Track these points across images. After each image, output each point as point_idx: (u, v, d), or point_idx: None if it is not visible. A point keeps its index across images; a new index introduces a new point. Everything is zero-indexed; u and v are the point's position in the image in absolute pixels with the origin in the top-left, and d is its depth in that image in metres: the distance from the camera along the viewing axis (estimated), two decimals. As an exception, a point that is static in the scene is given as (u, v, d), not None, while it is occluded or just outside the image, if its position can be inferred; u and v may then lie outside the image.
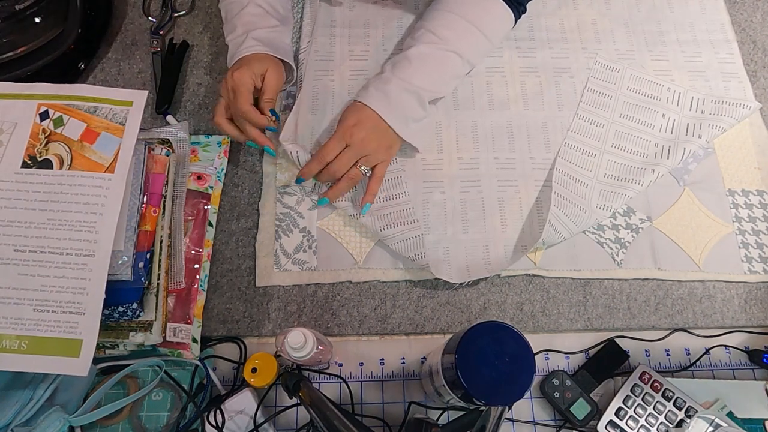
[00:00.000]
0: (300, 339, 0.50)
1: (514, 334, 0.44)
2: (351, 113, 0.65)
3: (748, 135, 0.75)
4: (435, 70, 0.67)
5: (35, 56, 0.71)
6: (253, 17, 0.68)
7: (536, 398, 0.62)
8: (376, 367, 0.63)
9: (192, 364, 0.61)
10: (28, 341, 0.53)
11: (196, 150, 0.71)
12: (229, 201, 0.70)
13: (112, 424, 0.59)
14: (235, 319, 0.64)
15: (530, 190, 0.70)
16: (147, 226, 0.61)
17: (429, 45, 0.67)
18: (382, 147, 0.66)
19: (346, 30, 0.79)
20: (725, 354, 0.65)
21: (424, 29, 0.68)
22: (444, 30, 0.67)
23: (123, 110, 0.62)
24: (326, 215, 0.69)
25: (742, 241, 0.69)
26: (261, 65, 0.64)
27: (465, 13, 0.67)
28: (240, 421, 0.58)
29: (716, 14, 0.83)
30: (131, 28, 0.80)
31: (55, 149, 0.59)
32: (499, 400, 0.43)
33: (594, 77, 0.77)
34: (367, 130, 0.64)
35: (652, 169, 0.70)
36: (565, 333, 0.65)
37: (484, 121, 0.74)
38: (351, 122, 0.64)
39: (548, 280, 0.67)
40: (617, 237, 0.68)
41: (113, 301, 0.57)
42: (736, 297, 0.67)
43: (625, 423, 0.58)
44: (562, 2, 0.82)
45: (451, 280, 0.64)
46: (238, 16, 0.68)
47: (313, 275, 0.66)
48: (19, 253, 0.55)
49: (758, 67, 0.79)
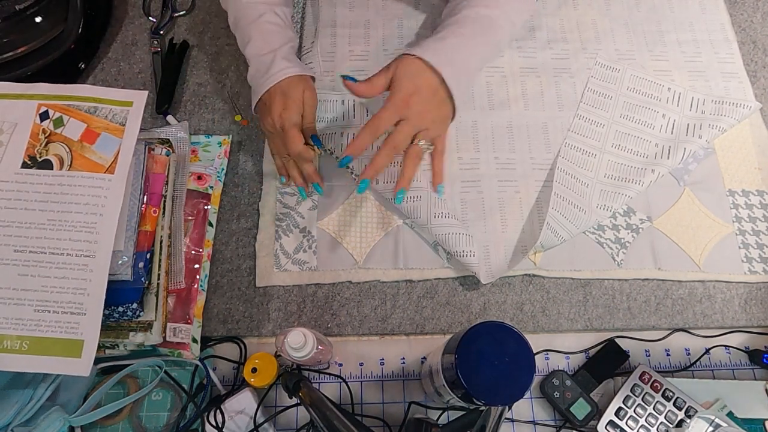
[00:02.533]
0: (300, 339, 0.50)
1: (514, 334, 0.44)
2: (408, 76, 0.57)
3: (748, 135, 0.75)
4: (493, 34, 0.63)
5: (35, 56, 0.71)
6: (273, 28, 0.65)
7: (536, 398, 0.62)
8: (376, 367, 0.63)
9: (192, 364, 0.62)
10: (29, 342, 0.53)
11: (196, 150, 0.71)
12: (229, 201, 0.70)
13: (112, 424, 0.59)
14: (235, 319, 0.64)
15: (530, 191, 0.70)
16: (147, 226, 0.61)
17: (486, 8, 0.62)
18: (441, 119, 0.60)
19: (346, 30, 0.79)
20: (725, 354, 0.65)
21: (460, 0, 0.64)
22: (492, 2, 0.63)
23: (123, 111, 0.62)
24: (326, 215, 0.69)
25: (742, 242, 0.69)
26: (297, 91, 0.62)
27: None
28: (240, 421, 0.58)
29: (716, 14, 0.83)
30: (131, 28, 0.80)
31: (55, 149, 0.59)
32: (499, 400, 0.43)
33: (594, 77, 0.77)
34: (426, 100, 0.57)
35: (652, 169, 0.70)
36: (565, 333, 0.65)
37: (485, 121, 0.74)
38: (409, 89, 0.56)
39: (548, 280, 0.67)
40: (617, 237, 0.68)
41: (113, 301, 0.57)
42: (736, 297, 0.67)
43: (625, 423, 0.58)
44: (562, 2, 0.82)
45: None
46: (255, 25, 0.65)
47: (313, 275, 0.66)
48: (19, 253, 0.55)
49: (758, 67, 0.79)
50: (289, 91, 0.61)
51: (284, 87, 0.62)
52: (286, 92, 0.61)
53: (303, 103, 0.63)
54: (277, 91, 0.62)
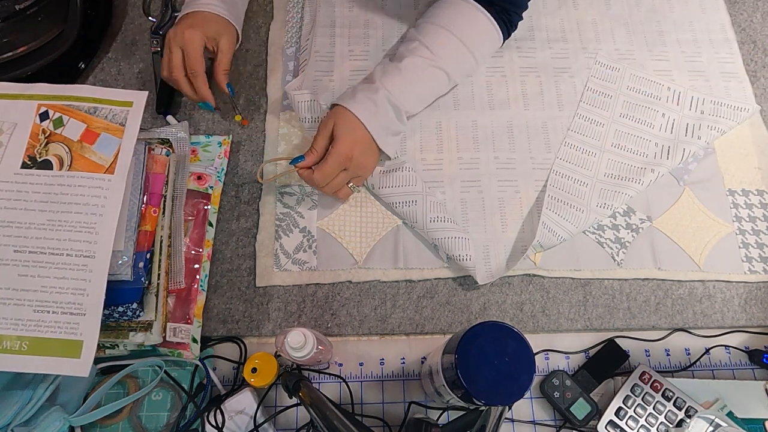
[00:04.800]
0: (300, 339, 0.50)
1: (514, 334, 0.44)
2: (347, 131, 0.63)
3: (748, 135, 0.75)
4: (423, 85, 0.68)
5: (35, 56, 0.71)
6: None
7: (536, 398, 0.62)
8: (376, 367, 0.63)
9: (192, 364, 0.62)
10: (28, 342, 0.53)
11: (196, 150, 0.71)
12: (229, 201, 0.70)
13: (112, 424, 0.59)
14: (235, 319, 0.64)
15: (530, 190, 0.70)
16: (147, 226, 0.61)
17: (422, 59, 0.67)
18: (372, 165, 0.67)
19: (345, 30, 0.79)
20: (725, 354, 0.65)
21: (418, 42, 0.67)
22: (438, 47, 0.67)
23: (123, 111, 0.62)
24: (326, 215, 0.69)
25: (742, 241, 0.69)
26: (216, 29, 0.65)
27: (458, 32, 0.67)
28: (240, 421, 0.58)
29: (716, 14, 0.83)
30: (131, 28, 0.80)
31: (55, 150, 0.59)
32: (499, 400, 0.43)
33: (594, 77, 0.77)
34: (364, 152, 0.64)
35: (652, 168, 0.70)
36: (565, 333, 0.65)
37: (485, 121, 0.74)
38: (348, 143, 0.62)
39: (548, 280, 0.67)
40: (617, 237, 0.68)
41: (113, 301, 0.57)
42: (736, 297, 0.67)
43: (625, 423, 0.58)
44: (562, 2, 0.82)
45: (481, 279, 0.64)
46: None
47: (313, 275, 0.66)
48: (19, 254, 0.55)
49: (758, 67, 0.79)
50: (205, 23, 0.65)
51: (203, 18, 0.65)
52: (202, 23, 0.65)
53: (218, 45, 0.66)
54: (193, 16, 0.65)
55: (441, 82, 0.70)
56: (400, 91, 0.65)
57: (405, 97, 0.66)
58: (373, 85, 0.65)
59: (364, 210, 0.69)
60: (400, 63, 0.66)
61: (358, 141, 0.63)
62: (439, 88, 0.71)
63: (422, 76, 0.67)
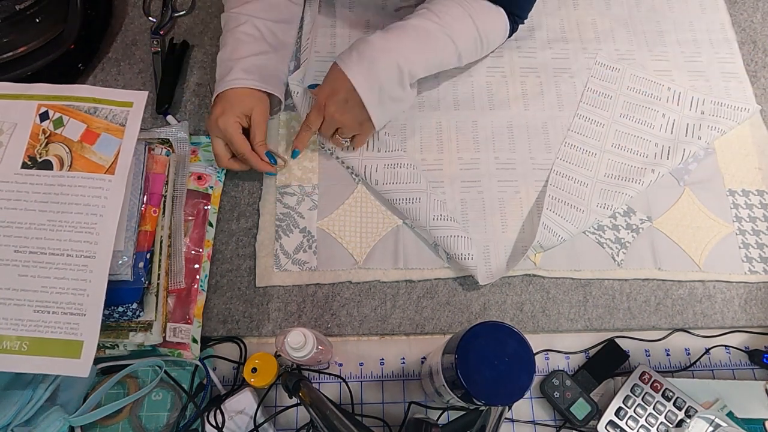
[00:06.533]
0: (300, 339, 0.50)
1: (514, 334, 0.44)
2: (327, 80, 0.63)
3: (748, 135, 0.75)
4: (428, 47, 0.64)
5: (35, 56, 0.71)
6: (245, 38, 0.67)
7: (536, 398, 0.62)
8: (376, 367, 0.63)
9: (192, 364, 0.62)
10: (28, 342, 0.53)
11: (196, 150, 0.71)
12: (229, 201, 0.70)
13: (112, 424, 0.59)
14: (235, 319, 0.64)
15: (531, 191, 0.70)
16: (147, 226, 0.61)
17: (428, 22, 0.64)
18: (354, 122, 0.65)
19: (346, 30, 0.79)
20: (725, 354, 0.65)
21: (426, 8, 0.66)
22: (446, 15, 0.65)
23: (123, 111, 0.62)
24: (326, 215, 0.69)
25: (742, 241, 0.69)
26: (248, 104, 0.64)
27: (469, 8, 0.66)
28: (240, 421, 0.58)
29: (716, 14, 0.83)
30: (131, 28, 0.80)
31: (55, 150, 0.59)
32: (499, 400, 0.43)
33: (594, 77, 0.77)
34: (338, 103, 0.62)
35: (652, 169, 0.70)
36: (565, 333, 0.65)
37: (485, 121, 0.74)
38: (325, 92, 0.63)
39: (548, 280, 0.67)
40: (617, 237, 0.68)
41: (113, 301, 0.57)
42: (737, 297, 0.67)
43: (625, 423, 0.58)
44: (562, 2, 0.82)
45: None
46: (231, 32, 0.67)
47: (313, 275, 0.66)
48: (19, 254, 0.55)
49: (758, 67, 0.79)
50: (234, 103, 0.63)
51: (230, 97, 0.64)
52: (231, 105, 0.63)
53: (251, 119, 0.65)
54: (224, 98, 0.64)
55: (447, 51, 0.66)
56: (402, 49, 0.62)
57: (407, 54, 0.62)
58: (370, 39, 0.62)
59: (364, 210, 0.69)
60: (405, 22, 0.64)
61: (336, 92, 0.62)
62: (444, 57, 0.67)
63: (427, 38, 0.64)
